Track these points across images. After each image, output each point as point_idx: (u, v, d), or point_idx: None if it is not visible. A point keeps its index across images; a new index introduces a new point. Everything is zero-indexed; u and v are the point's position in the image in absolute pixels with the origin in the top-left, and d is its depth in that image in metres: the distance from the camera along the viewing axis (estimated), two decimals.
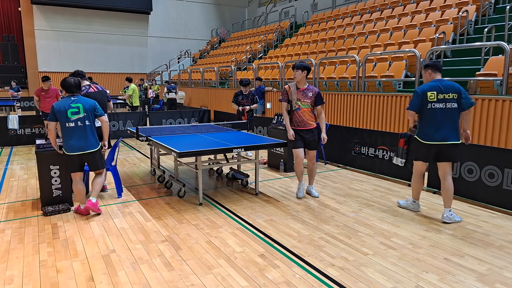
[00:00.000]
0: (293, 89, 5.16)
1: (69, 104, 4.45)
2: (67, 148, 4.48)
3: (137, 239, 3.97)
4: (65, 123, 4.43)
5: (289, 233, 4.14)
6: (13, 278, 3.21)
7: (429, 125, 4.36)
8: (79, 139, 4.48)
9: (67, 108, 4.43)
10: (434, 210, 4.84)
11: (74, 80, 4.55)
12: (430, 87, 4.34)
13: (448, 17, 9.66)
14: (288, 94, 5.19)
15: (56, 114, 4.42)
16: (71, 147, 4.47)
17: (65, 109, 4.42)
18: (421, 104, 4.34)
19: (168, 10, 23.75)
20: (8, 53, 21.71)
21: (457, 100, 4.30)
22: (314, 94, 5.14)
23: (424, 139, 4.41)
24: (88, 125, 4.53)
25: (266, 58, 15.63)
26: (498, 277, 3.20)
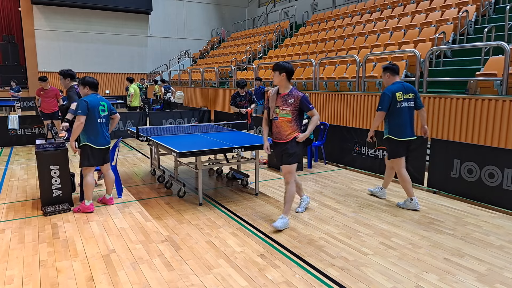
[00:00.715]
0: (273, 94, 4.32)
1: (98, 101, 4.75)
2: (96, 143, 4.71)
3: (137, 239, 3.97)
4: (96, 118, 4.69)
5: (289, 233, 4.14)
6: (13, 278, 3.21)
7: (400, 124, 4.73)
8: (104, 134, 4.82)
9: (98, 105, 4.72)
10: (434, 210, 4.84)
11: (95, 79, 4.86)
12: (397, 88, 4.72)
13: (448, 17, 9.66)
14: (269, 100, 4.38)
15: (90, 109, 4.65)
16: (99, 142, 4.74)
17: (97, 106, 4.72)
18: (390, 104, 4.70)
19: (168, 10, 23.75)
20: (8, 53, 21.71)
21: (413, 99, 4.80)
22: (296, 100, 4.16)
23: (399, 137, 4.75)
24: (107, 122, 4.93)
25: (266, 58, 15.63)
26: (498, 277, 3.20)
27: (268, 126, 4.44)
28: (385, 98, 4.69)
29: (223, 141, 5.46)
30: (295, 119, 4.24)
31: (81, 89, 4.81)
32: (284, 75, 4.18)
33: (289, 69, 4.20)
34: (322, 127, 7.59)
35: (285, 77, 4.19)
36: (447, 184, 5.45)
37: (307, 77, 10.96)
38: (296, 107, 4.19)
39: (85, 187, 4.80)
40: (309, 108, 4.19)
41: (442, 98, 6.69)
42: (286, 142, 4.25)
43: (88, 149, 4.70)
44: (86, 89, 4.79)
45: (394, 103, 4.68)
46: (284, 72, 4.17)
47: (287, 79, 4.21)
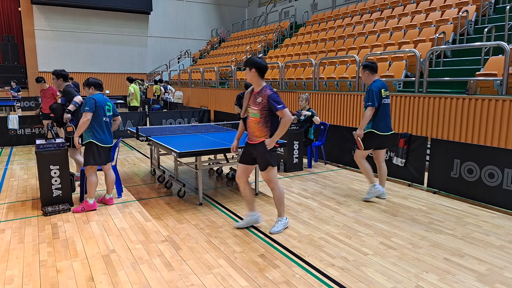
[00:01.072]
0: (247, 92, 4.09)
1: (105, 101, 4.85)
2: (102, 141, 4.77)
3: (137, 239, 3.97)
4: (102, 117, 4.76)
5: (289, 233, 4.14)
6: (13, 278, 3.21)
7: (383, 119, 4.94)
8: (109, 133, 4.90)
9: (105, 104, 4.80)
10: (434, 210, 4.84)
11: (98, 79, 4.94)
12: (381, 85, 4.93)
13: (448, 17, 9.65)
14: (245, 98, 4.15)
15: (98, 107, 4.70)
16: (105, 140, 4.80)
17: (104, 104, 4.81)
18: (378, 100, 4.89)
19: (168, 10, 23.75)
20: (8, 53, 21.71)
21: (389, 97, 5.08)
22: (264, 99, 3.85)
23: (381, 131, 4.96)
24: (111, 123, 5.01)
25: (266, 58, 15.63)
26: (498, 277, 3.20)
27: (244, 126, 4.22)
28: (373, 94, 4.83)
29: (223, 141, 5.46)
30: (264, 119, 3.90)
31: (87, 90, 4.85)
32: (255, 71, 3.88)
33: (260, 64, 3.88)
34: (322, 127, 7.60)
35: (256, 74, 3.90)
36: (447, 184, 5.45)
37: (307, 77, 10.96)
38: (264, 106, 3.87)
39: (89, 186, 4.83)
40: (276, 108, 3.82)
41: (442, 98, 6.69)
42: (255, 144, 4.00)
43: (94, 147, 4.74)
44: (92, 90, 4.84)
45: (380, 100, 4.88)
46: (255, 68, 3.88)
47: (258, 76, 3.92)
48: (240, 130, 4.31)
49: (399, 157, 6.15)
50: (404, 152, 6.08)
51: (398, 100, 7.45)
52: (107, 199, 5.10)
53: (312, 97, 9.55)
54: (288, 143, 6.52)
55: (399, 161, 6.16)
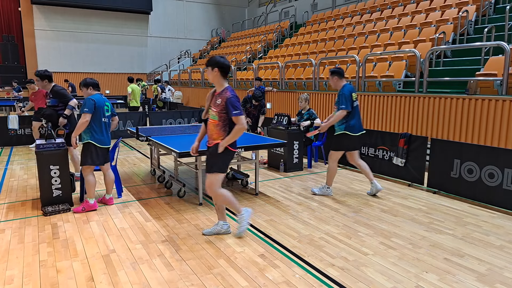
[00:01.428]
0: (210, 93, 3.90)
1: (104, 101, 4.82)
2: (101, 142, 4.75)
3: (137, 239, 3.97)
4: (102, 117, 4.76)
5: (289, 233, 4.14)
6: (13, 278, 3.21)
7: (356, 120, 5.22)
8: (108, 134, 4.87)
9: (103, 104, 4.80)
10: (434, 210, 4.84)
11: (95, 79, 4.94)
12: (352, 89, 5.21)
13: (448, 17, 9.66)
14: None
15: (97, 108, 4.69)
16: (104, 141, 4.80)
17: (103, 105, 4.79)
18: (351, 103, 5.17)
19: (168, 10, 23.76)
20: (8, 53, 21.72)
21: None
22: (223, 101, 3.67)
23: (355, 132, 5.23)
24: (110, 123, 4.98)
25: (266, 58, 15.63)
26: (498, 277, 3.20)
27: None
28: (345, 98, 5.09)
29: None
30: (223, 122, 3.72)
31: (84, 91, 4.84)
32: (217, 70, 3.70)
33: (223, 64, 3.69)
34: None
35: (219, 74, 3.71)
36: (447, 184, 5.45)
37: (307, 77, 10.97)
38: (223, 109, 3.68)
39: (88, 186, 4.81)
40: (231, 113, 3.64)
41: (442, 98, 6.69)
42: (210, 147, 3.86)
43: (92, 147, 4.72)
44: (90, 90, 4.84)
45: (352, 103, 5.16)
46: (217, 68, 3.69)
47: (221, 76, 3.72)
48: (202, 132, 4.13)
49: (399, 157, 6.16)
50: (404, 152, 6.08)
51: (398, 100, 7.45)
52: (107, 199, 5.10)
53: (312, 97, 9.55)
54: (288, 143, 6.53)
55: (399, 161, 6.16)
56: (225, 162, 3.84)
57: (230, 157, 3.87)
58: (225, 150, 3.76)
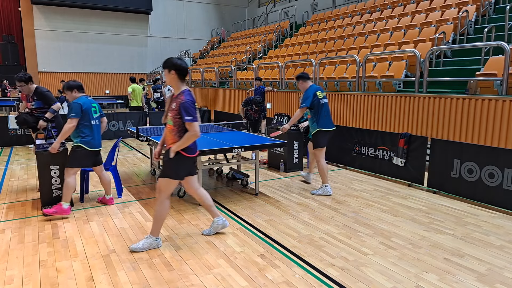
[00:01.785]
0: (169, 96, 3.70)
1: (90, 103, 4.73)
2: (90, 145, 4.67)
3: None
4: (91, 120, 4.68)
5: (289, 233, 4.14)
6: (13, 278, 3.21)
7: (325, 117, 5.51)
8: (98, 136, 4.80)
9: (91, 106, 4.71)
10: (434, 210, 4.84)
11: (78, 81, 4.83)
12: (316, 88, 5.54)
13: (448, 17, 9.65)
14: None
15: (84, 111, 4.61)
16: (94, 144, 4.71)
17: (90, 107, 4.70)
18: (314, 102, 5.43)
19: (168, 10, 23.76)
20: (8, 53, 21.72)
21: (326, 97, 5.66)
22: (177, 106, 3.48)
23: (327, 128, 5.51)
24: (99, 124, 4.89)
25: (266, 58, 15.63)
26: (498, 277, 3.20)
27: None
28: (308, 96, 5.44)
29: (223, 141, 5.46)
30: (178, 128, 3.52)
31: (69, 94, 4.67)
32: (174, 73, 3.51)
33: (180, 66, 3.50)
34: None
35: (176, 76, 3.52)
36: (447, 184, 5.45)
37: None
38: (177, 114, 3.49)
39: (66, 189, 4.54)
40: (184, 119, 3.45)
41: (442, 98, 6.69)
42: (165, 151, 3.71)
43: (82, 150, 4.60)
44: (75, 93, 4.68)
45: (317, 101, 5.44)
46: (174, 70, 3.50)
47: (178, 79, 3.54)
48: (163, 136, 3.89)
49: (399, 157, 6.16)
50: (404, 152, 6.08)
51: (398, 100, 7.45)
52: (107, 199, 5.10)
53: None
54: (288, 143, 6.53)
55: (399, 161, 6.16)
56: (178, 169, 3.62)
57: (186, 164, 3.65)
58: (179, 156, 3.54)
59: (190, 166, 3.75)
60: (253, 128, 8.52)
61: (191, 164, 3.76)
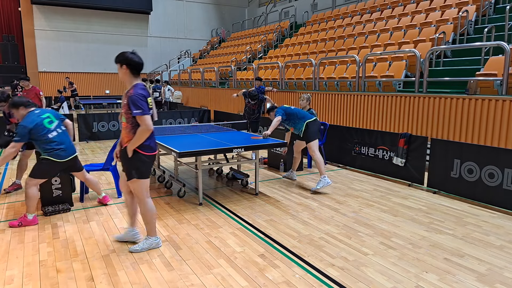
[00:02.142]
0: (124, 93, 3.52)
1: (39, 117, 4.37)
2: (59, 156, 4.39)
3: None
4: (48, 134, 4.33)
5: (289, 233, 4.14)
6: (13, 278, 3.21)
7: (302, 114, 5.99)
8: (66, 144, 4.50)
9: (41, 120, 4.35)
10: (434, 210, 4.84)
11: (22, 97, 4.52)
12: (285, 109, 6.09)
13: (448, 17, 9.66)
14: None
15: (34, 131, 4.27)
16: (63, 155, 4.42)
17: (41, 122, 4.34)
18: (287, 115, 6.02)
19: (168, 10, 23.76)
20: (8, 53, 21.72)
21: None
22: (127, 100, 3.36)
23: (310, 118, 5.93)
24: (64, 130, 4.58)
25: (266, 58, 15.63)
26: (498, 277, 3.20)
27: None
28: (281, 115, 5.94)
29: (223, 141, 5.46)
30: (131, 124, 3.40)
31: (15, 112, 4.40)
32: (126, 67, 3.38)
33: (131, 60, 3.36)
34: (322, 127, 7.59)
35: (128, 71, 3.40)
36: (447, 184, 5.45)
37: (307, 77, 10.97)
38: (128, 109, 3.36)
39: (28, 200, 4.31)
40: (132, 112, 3.30)
41: (442, 98, 6.69)
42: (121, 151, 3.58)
43: (49, 162, 4.34)
44: (22, 110, 4.40)
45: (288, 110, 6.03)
46: (125, 64, 3.37)
47: (131, 73, 3.41)
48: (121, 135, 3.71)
49: (399, 157, 6.16)
50: (404, 152, 6.08)
51: (398, 100, 7.45)
52: (101, 198, 5.08)
53: (312, 97, 9.55)
54: (291, 143, 6.52)
55: (399, 161, 6.16)
56: (140, 168, 3.48)
57: (147, 162, 3.51)
58: (136, 155, 3.43)
59: (150, 165, 3.59)
60: (253, 128, 8.52)
61: (151, 164, 3.59)
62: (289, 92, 10.52)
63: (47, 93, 20.09)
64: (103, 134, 10.67)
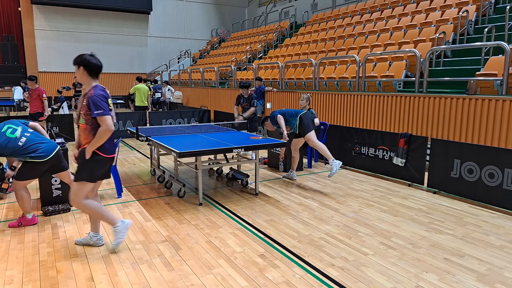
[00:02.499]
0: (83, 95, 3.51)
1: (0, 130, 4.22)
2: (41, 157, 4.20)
3: (137, 239, 3.97)
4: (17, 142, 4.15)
5: (289, 233, 4.13)
6: (13, 278, 3.21)
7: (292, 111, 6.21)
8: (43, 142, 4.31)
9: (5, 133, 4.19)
10: (434, 210, 4.84)
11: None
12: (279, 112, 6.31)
13: (448, 17, 9.66)
14: None
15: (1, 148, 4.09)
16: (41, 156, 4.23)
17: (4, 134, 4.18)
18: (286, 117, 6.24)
19: (168, 10, 23.75)
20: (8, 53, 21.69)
21: None
22: (86, 101, 3.35)
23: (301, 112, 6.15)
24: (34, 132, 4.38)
25: (266, 58, 15.63)
26: (498, 277, 3.20)
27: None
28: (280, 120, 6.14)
29: (223, 141, 5.46)
30: (91, 126, 3.37)
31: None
32: (83, 69, 3.39)
33: (89, 62, 3.38)
34: (322, 127, 7.60)
35: (85, 72, 3.40)
36: (447, 184, 5.45)
37: (307, 77, 10.96)
38: (87, 110, 3.34)
39: (22, 201, 4.26)
40: (92, 113, 3.29)
41: (442, 98, 6.69)
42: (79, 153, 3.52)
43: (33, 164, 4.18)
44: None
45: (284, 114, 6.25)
46: (83, 66, 3.38)
47: (89, 75, 3.42)
48: (77, 137, 3.64)
49: (399, 157, 6.16)
50: (404, 152, 6.08)
51: (398, 100, 7.45)
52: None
53: (312, 97, 9.55)
54: (288, 143, 6.52)
55: (399, 161, 6.16)
56: (93, 170, 3.45)
57: (102, 165, 3.49)
58: (95, 156, 3.41)
59: (107, 168, 3.57)
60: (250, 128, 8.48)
61: (108, 166, 3.57)
62: (289, 92, 10.51)
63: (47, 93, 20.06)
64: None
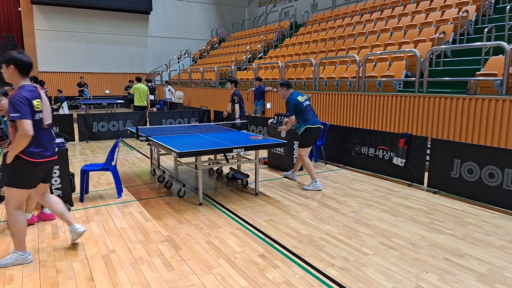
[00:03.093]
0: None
1: None
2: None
3: (137, 239, 3.97)
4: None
5: (289, 233, 4.13)
6: (13, 278, 3.21)
7: (312, 116, 5.88)
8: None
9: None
10: (434, 210, 4.84)
11: None
12: (297, 94, 5.98)
13: (448, 17, 9.65)
14: None
15: None
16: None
17: None
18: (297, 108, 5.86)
19: (168, 10, 23.75)
20: None
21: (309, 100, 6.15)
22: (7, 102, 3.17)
23: (315, 124, 5.86)
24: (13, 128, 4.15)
25: (266, 58, 15.63)
26: (498, 277, 3.20)
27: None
28: (292, 106, 5.84)
29: (223, 141, 5.46)
30: (15, 129, 3.15)
31: None
32: (13, 68, 3.18)
33: (19, 60, 3.18)
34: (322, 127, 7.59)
35: (16, 71, 3.19)
36: (447, 184, 5.45)
37: (307, 77, 10.96)
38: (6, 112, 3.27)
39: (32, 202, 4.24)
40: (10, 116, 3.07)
41: (442, 98, 6.69)
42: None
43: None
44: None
45: (300, 105, 5.84)
46: (12, 64, 3.17)
47: (19, 74, 3.21)
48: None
49: (399, 157, 6.15)
50: (404, 152, 6.08)
51: (398, 100, 7.45)
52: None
53: (312, 97, 9.55)
54: (288, 143, 6.52)
55: (399, 161, 6.16)
56: (19, 175, 3.24)
57: (30, 170, 3.27)
58: (19, 161, 3.20)
59: (38, 172, 3.35)
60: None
61: (39, 170, 3.35)
62: None
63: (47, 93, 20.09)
64: (103, 134, 10.67)
